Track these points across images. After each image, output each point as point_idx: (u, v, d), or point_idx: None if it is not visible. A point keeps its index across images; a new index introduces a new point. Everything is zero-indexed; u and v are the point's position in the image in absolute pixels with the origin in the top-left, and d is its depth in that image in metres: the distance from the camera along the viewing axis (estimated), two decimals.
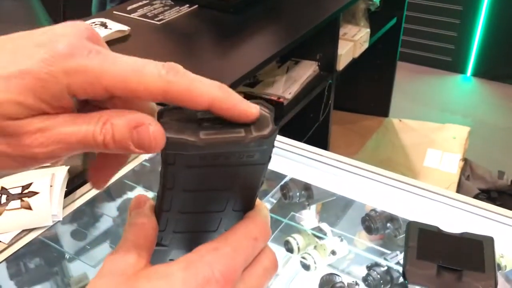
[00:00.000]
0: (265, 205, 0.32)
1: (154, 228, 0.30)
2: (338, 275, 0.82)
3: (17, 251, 0.73)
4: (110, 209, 1.05)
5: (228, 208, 0.30)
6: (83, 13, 2.10)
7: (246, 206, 0.31)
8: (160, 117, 0.27)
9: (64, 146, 0.26)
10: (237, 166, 0.27)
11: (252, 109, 0.27)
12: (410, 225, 0.64)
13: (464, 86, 3.19)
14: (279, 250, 1.02)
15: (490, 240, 0.60)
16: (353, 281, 0.79)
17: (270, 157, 0.28)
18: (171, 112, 0.27)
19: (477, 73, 3.19)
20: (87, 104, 0.30)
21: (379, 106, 2.67)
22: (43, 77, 0.25)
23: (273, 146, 0.28)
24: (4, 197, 0.75)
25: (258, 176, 0.29)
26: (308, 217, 1.10)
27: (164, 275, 0.27)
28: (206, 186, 0.29)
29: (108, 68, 0.26)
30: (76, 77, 0.26)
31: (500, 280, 0.71)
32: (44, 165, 0.82)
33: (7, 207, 0.73)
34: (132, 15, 1.65)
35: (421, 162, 2.28)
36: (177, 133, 0.26)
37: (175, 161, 0.27)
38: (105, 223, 1.05)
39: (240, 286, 0.28)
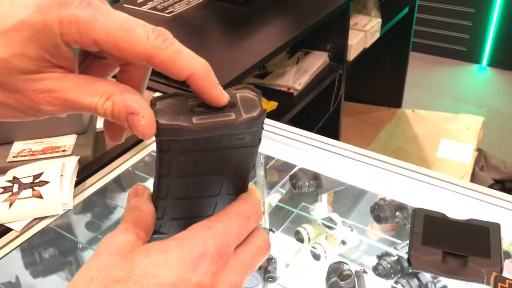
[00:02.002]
0: (257, 188, 0.33)
1: (152, 214, 0.31)
2: (346, 263, 0.82)
3: (29, 239, 0.74)
4: (121, 199, 1.06)
5: (223, 191, 0.32)
6: None
7: (240, 189, 0.32)
8: (153, 105, 0.28)
9: (68, 108, 0.28)
10: (229, 149, 0.29)
11: (223, 97, 0.28)
12: (416, 211, 0.64)
13: (479, 76, 3.15)
14: (289, 240, 1.03)
15: (497, 226, 0.60)
16: (361, 269, 0.79)
17: (260, 140, 0.29)
18: (164, 100, 0.28)
19: (492, 63, 3.14)
20: (88, 55, 0.31)
21: (392, 97, 2.65)
22: (38, 27, 0.26)
23: (263, 129, 0.29)
24: (16, 186, 0.76)
25: (250, 158, 0.30)
26: (319, 208, 1.10)
27: (161, 250, 0.28)
28: (201, 171, 0.30)
29: (97, 20, 0.27)
30: (68, 27, 0.27)
31: (509, 268, 0.71)
32: (56, 154, 0.82)
33: (19, 196, 0.75)
34: (142, 8, 1.66)
35: (434, 153, 2.26)
36: (170, 120, 0.27)
37: (170, 148, 0.28)
38: (116, 213, 1.06)
39: (232, 262, 0.29)
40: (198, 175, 0.30)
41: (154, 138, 0.28)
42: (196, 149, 0.28)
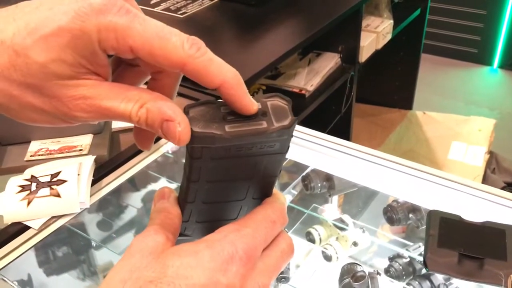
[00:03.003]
0: (281, 193, 0.34)
1: (179, 217, 0.32)
2: (360, 265, 0.82)
3: (46, 237, 0.75)
4: (134, 200, 1.07)
5: (249, 196, 0.32)
6: None
7: (265, 194, 0.33)
8: (186, 113, 0.28)
9: (102, 116, 0.28)
10: (259, 156, 0.29)
11: (253, 106, 0.29)
12: (431, 213, 0.64)
13: (490, 78, 3.13)
14: (301, 241, 1.03)
15: None
16: (374, 270, 0.79)
17: (288, 147, 0.30)
18: (196, 108, 0.28)
19: (504, 65, 3.12)
20: (121, 63, 0.32)
21: (403, 99, 2.64)
22: (77, 34, 0.27)
23: (292, 136, 0.29)
24: (34, 185, 0.77)
25: (278, 164, 0.31)
26: (330, 209, 1.10)
27: (192, 252, 0.28)
28: (229, 176, 0.30)
29: (134, 28, 0.27)
30: (106, 33, 0.27)
31: None
32: (73, 154, 0.83)
33: (37, 195, 0.75)
34: (155, 9, 1.67)
35: (446, 155, 2.24)
36: (204, 127, 0.27)
37: (201, 155, 0.28)
38: (129, 213, 1.07)
39: (259, 265, 0.30)
40: (226, 180, 0.30)
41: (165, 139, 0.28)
42: (226, 156, 0.28)
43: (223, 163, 0.29)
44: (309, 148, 0.97)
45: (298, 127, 0.97)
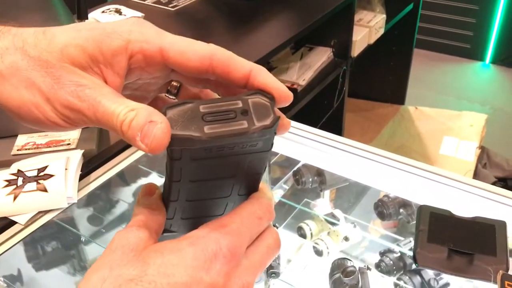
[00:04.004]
0: (269, 187, 0.33)
1: (163, 214, 0.31)
2: (350, 260, 0.82)
3: (33, 232, 0.74)
4: (124, 194, 1.06)
5: (234, 193, 0.31)
6: None
7: (251, 190, 0.32)
8: (164, 114, 0.27)
9: (91, 109, 0.28)
10: (241, 155, 0.28)
11: (288, 91, 0.30)
12: (422, 208, 0.63)
13: (482, 74, 3.14)
14: (292, 236, 1.03)
15: (503, 224, 0.60)
16: (364, 265, 0.79)
17: (272, 144, 0.29)
18: (175, 108, 0.27)
19: (496, 61, 3.13)
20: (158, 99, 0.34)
21: (395, 94, 2.65)
22: (109, 31, 0.29)
23: (275, 134, 0.28)
24: (20, 180, 0.76)
25: (262, 162, 0.30)
26: (322, 203, 1.10)
27: (175, 250, 0.27)
28: (212, 175, 0.29)
29: (163, 33, 0.30)
30: (137, 35, 0.29)
31: None
32: (60, 148, 0.82)
33: (23, 189, 0.75)
34: (146, 2, 1.65)
35: (437, 150, 2.25)
36: (182, 129, 0.26)
37: (181, 156, 0.27)
38: (119, 208, 1.06)
39: (244, 262, 0.29)
40: (209, 179, 0.30)
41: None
42: (207, 157, 0.27)
43: (204, 163, 0.28)
44: (300, 143, 0.97)
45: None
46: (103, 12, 1.48)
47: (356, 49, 1.86)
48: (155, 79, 0.33)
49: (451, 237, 0.59)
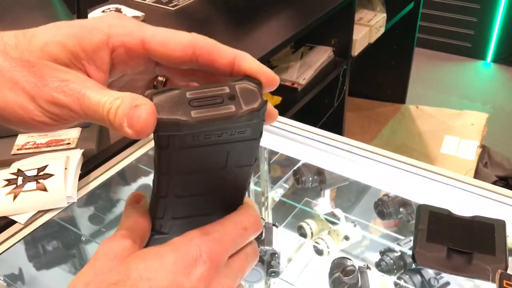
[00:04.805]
0: (253, 200, 0.34)
1: (147, 224, 0.32)
2: (350, 259, 0.82)
3: (33, 232, 0.74)
4: (125, 194, 1.06)
5: (225, 188, 0.31)
6: None
7: (242, 185, 0.32)
8: (150, 99, 0.27)
9: (76, 103, 0.28)
10: (230, 143, 0.28)
11: (274, 75, 0.29)
12: (421, 208, 0.63)
13: (483, 73, 3.13)
14: (292, 235, 1.03)
15: (502, 223, 0.59)
16: (364, 265, 0.79)
17: (261, 132, 0.28)
18: (161, 95, 0.27)
19: (497, 59, 3.13)
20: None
21: (396, 93, 2.64)
22: (88, 27, 0.29)
23: (264, 121, 0.28)
24: (20, 179, 0.76)
25: (252, 152, 0.30)
26: (322, 203, 1.10)
27: (157, 255, 0.28)
28: (201, 167, 0.29)
29: (145, 25, 0.30)
30: (117, 29, 0.29)
31: None
32: (60, 147, 0.81)
33: (23, 189, 0.75)
34: (146, 1, 1.65)
35: (438, 149, 2.25)
36: (168, 114, 0.26)
37: (168, 144, 0.27)
38: (119, 207, 1.06)
39: (224, 269, 0.30)
40: (198, 171, 0.29)
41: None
42: (195, 144, 0.27)
43: (192, 152, 0.28)
44: (300, 142, 0.97)
45: (289, 121, 0.97)
46: (103, 11, 1.48)
47: (357, 48, 1.86)
48: (140, 74, 0.33)
49: (450, 236, 0.59)
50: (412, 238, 0.89)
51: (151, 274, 0.27)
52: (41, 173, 0.77)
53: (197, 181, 0.30)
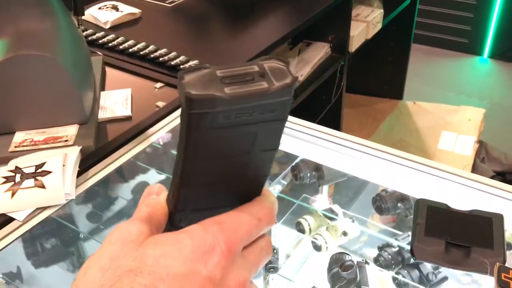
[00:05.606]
0: (272, 193, 0.33)
1: (165, 217, 0.32)
2: (348, 254, 0.83)
3: (31, 229, 0.74)
4: (123, 191, 1.06)
5: (247, 175, 0.31)
6: None
7: (263, 173, 0.31)
8: (181, 78, 0.26)
9: None
10: (258, 124, 0.28)
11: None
12: (419, 202, 0.63)
13: (480, 68, 3.14)
14: (290, 231, 1.03)
15: (500, 217, 0.60)
16: (363, 260, 0.79)
17: (288, 113, 0.28)
18: (192, 73, 0.27)
19: (494, 55, 3.13)
20: None
21: (393, 89, 2.65)
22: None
23: (292, 100, 0.28)
24: (18, 176, 0.76)
25: (277, 134, 0.29)
26: (320, 199, 1.10)
27: (174, 241, 0.28)
28: (227, 150, 0.29)
29: None
30: None
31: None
32: (58, 144, 0.81)
33: (21, 186, 0.74)
34: None
35: (436, 145, 2.26)
36: (202, 90, 0.26)
37: (199, 124, 0.26)
38: (118, 204, 1.06)
39: (239, 260, 0.29)
40: (224, 156, 0.29)
41: (153, 130, 0.27)
42: (226, 125, 0.27)
43: (221, 134, 0.27)
44: (298, 138, 0.97)
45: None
46: (99, 8, 1.48)
47: (354, 44, 1.86)
48: None
49: (448, 230, 0.59)
50: (410, 233, 0.89)
51: (169, 261, 0.27)
52: (39, 170, 0.76)
53: (220, 168, 0.30)
